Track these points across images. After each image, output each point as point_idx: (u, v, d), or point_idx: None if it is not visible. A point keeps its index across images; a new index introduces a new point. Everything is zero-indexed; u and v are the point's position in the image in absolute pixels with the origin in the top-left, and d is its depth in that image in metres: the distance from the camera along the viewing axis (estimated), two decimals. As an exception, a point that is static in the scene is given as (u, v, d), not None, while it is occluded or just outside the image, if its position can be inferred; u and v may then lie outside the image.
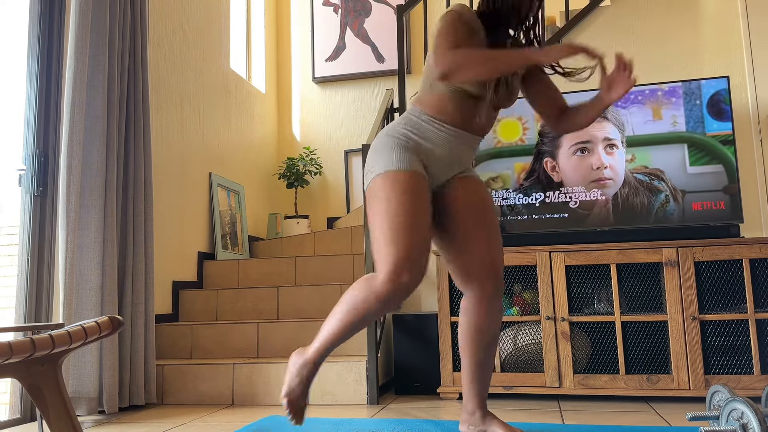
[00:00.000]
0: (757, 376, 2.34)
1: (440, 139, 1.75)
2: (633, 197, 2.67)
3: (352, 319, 1.65)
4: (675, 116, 2.68)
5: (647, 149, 2.69)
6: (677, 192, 2.64)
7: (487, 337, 1.82)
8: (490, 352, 1.84)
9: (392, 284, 1.59)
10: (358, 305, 1.63)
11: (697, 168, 2.63)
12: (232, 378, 2.66)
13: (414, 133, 1.75)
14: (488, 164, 2.86)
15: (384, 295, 1.59)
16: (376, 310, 1.62)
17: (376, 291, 1.60)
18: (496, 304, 1.81)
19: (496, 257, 1.80)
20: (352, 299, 1.65)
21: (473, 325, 1.81)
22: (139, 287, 2.64)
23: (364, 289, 1.63)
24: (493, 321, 1.81)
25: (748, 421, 1.52)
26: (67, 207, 2.40)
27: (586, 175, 2.73)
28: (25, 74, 2.58)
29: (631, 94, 2.73)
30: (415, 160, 1.72)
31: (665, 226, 2.64)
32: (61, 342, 1.31)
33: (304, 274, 3.47)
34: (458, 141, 1.77)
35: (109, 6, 2.62)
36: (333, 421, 2.19)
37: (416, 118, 1.77)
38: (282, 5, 4.93)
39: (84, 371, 2.40)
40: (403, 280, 1.59)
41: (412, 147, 1.74)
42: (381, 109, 3.09)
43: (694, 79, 2.68)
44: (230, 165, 4.04)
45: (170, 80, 3.41)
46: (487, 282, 1.79)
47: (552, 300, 2.55)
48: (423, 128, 1.76)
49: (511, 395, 2.68)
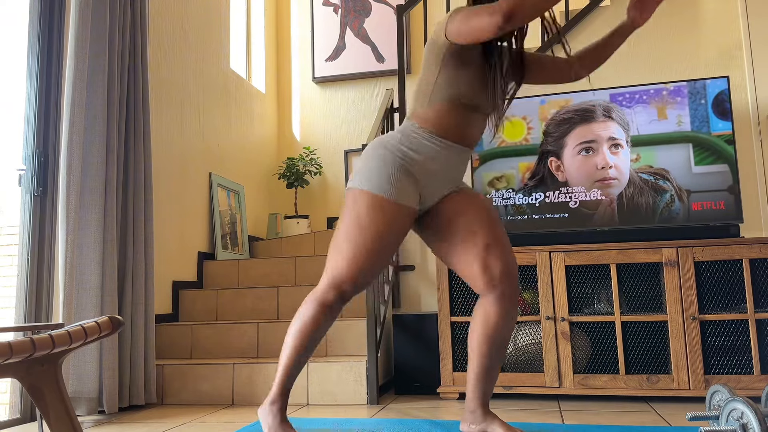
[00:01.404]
0: (757, 376, 2.34)
1: (435, 154, 1.77)
2: (638, 197, 2.67)
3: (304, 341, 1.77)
4: (680, 116, 2.67)
5: (652, 149, 2.69)
6: (682, 192, 2.63)
7: (500, 340, 1.81)
8: (501, 355, 1.83)
9: (334, 291, 1.75)
10: (307, 322, 1.77)
11: (702, 168, 2.63)
12: (232, 378, 2.67)
13: (411, 149, 1.76)
14: (492, 164, 2.85)
15: (328, 300, 1.76)
16: (322, 321, 1.76)
17: (320, 299, 1.76)
18: (512, 308, 1.80)
19: (510, 261, 1.80)
20: (301, 319, 1.79)
21: (487, 328, 1.80)
22: (139, 287, 2.64)
23: (309, 303, 1.77)
24: (508, 324, 1.80)
25: (748, 421, 1.52)
26: (67, 207, 2.40)
27: (590, 174, 2.73)
28: (25, 74, 2.58)
29: (635, 94, 2.73)
30: (407, 185, 1.74)
31: (665, 226, 2.64)
32: (61, 342, 1.31)
33: (304, 274, 3.47)
34: (452, 154, 1.79)
35: (109, 6, 2.62)
36: (333, 421, 2.20)
37: (413, 133, 1.78)
38: (282, 5, 4.93)
39: (84, 371, 2.40)
40: (344, 290, 1.76)
41: (406, 165, 1.75)
42: (381, 109, 3.09)
43: (699, 79, 2.67)
44: (230, 165, 4.04)
45: (170, 80, 3.41)
46: (503, 285, 1.78)
47: (552, 300, 2.55)
48: (420, 144, 1.77)
49: (511, 395, 2.68)
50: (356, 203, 1.74)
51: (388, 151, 1.76)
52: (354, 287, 1.76)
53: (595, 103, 2.76)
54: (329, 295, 1.76)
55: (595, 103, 2.76)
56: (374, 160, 1.76)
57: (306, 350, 1.79)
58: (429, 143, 1.76)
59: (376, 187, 1.72)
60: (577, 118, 2.76)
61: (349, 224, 1.74)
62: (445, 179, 1.82)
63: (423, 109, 1.79)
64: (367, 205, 1.72)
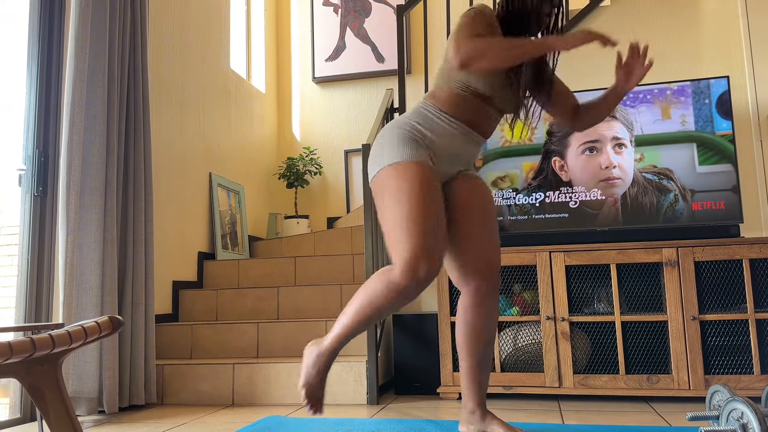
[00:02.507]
0: (757, 376, 2.34)
1: (448, 133, 1.76)
2: (642, 197, 2.67)
3: (369, 312, 1.64)
4: (684, 115, 2.67)
5: (656, 148, 2.69)
6: (686, 191, 2.63)
7: (485, 337, 1.82)
8: (488, 352, 1.84)
9: (409, 275, 1.57)
10: (376, 298, 1.62)
11: (706, 167, 2.63)
12: (232, 378, 2.67)
13: (423, 126, 1.76)
14: (496, 163, 2.85)
15: (402, 286, 1.57)
16: (393, 302, 1.60)
17: (394, 283, 1.58)
18: (492, 303, 1.81)
19: (492, 256, 1.80)
20: (370, 291, 1.63)
21: (470, 325, 1.81)
22: (139, 287, 2.64)
23: (382, 281, 1.61)
24: (490, 320, 1.82)
25: (748, 421, 1.52)
26: (67, 207, 2.40)
27: (594, 174, 2.72)
28: (25, 74, 2.58)
29: (639, 93, 2.73)
30: (423, 153, 1.72)
31: (665, 226, 2.64)
32: (61, 342, 1.31)
33: (304, 274, 3.47)
34: (465, 137, 1.79)
35: (109, 6, 2.62)
36: (333, 421, 2.19)
37: (427, 111, 1.79)
38: (282, 5, 4.93)
39: (84, 371, 2.40)
40: (421, 271, 1.56)
41: (420, 139, 1.74)
42: (381, 109, 3.09)
43: (703, 78, 2.67)
44: (230, 165, 4.04)
45: (170, 80, 3.41)
46: (483, 281, 1.80)
47: (552, 300, 2.55)
48: (433, 121, 1.77)
49: (511, 395, 2.68)
50: (382, 184, 1.70)
51: (400, 129, 1.76)
52: (429, 259, 1.58)
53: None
54: (405, 280, 1.57)
55: None
56: (388, 140, 1.75)
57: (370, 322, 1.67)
58: (441, 122, 1.76)
59: (390, 158, 1.71)
60: (580, 118, 2.76)
61: (387, 203, 1.67)
62: (456, 156, 1.81)
63: (439, 89, 1.80)
64: (391, 177, 1.68)
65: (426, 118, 1.77)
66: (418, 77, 4.49)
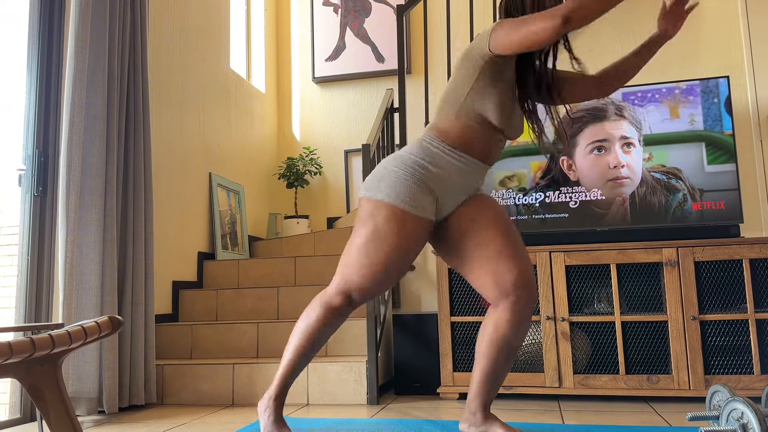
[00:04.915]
0: (757, 376, 2.34)
1: (456, 168, 1.75)
2: (650, 196, 2.66)
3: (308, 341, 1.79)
4: (693, 115, 2.67)
5: (665, 148, 2.68)
6: (695, 191, 2.62)
7: (508, 348, 1.78)
8: (508, 362, 1.80)
9: (342, 298, 1.76)
10: (314, 321, 1.78)
11: (715, 167, 2.62)
12: (232, 378, 2.67)
13: (429, 162, 1.74)
14: (504, 163, 2.85)
15: (335, 305, 1.77)
16: (329, 320, 1.78)
17: (328, 303, 1.77)
18: (524, 317, 1.76)
19: (526, 266, 1.77)
20: (306, 320, 1.79)
21: (496, 334, 1.76)
22: (139, 287, 2.64)
23: (316, 306, 1.78)
24: (518, 333, 1.77)
25: (748, 421, 1.52)
26: (66, 207, 2.40)
27: (603, 173, 2.72)
28: (25, 74, 2.58)
29: (648, 93, 2.73)
30: (425, 197, 1.72)
31: (665, 226, 2.64)
32: (61, 342, 1.31)
33: (304, 274, 3.47)
34: (473, 170, 1.78)
35: (109, 6, 2.62)
36: (333, 421, 2.20)
37: (434, 148, 1.75)
38: (282, 5, 4.93)
39: (84, 371, 2.40)
40: (354, 298, 1.76)
41: (424, 178, 1.72)
42: (381, 109, 3.09)
43: (711, 77, 2.67)
44: (230, 165, 4.04)
45: (170, 80, 3.41)
46: (520, 291, 1.74)
47: (552, 300, 2.55)
48: (440, 158, 1.74)
49: (511, 395, 2.68)
50: (374, 214, 1.71)
51: (405, 164, 1.73)
52: (363, 297, 1.76)
53: (607, 101, 2.75)
54: (337, 300, 1.76)
55: (607, 102, 2.75)
56: (392, 172, 1.73)
57: (310, 350, 1.80)
58: (448, 157, 1.74)
59: (395, 198, 1.70)
60: (588, 117, 2.76)
61: (367, 235, 1.71)
62: (463, 189, 1.80)
63: (447, 121, 1.76)
64: (385, 217, 1.70)
65: (432, 154, 1.74)
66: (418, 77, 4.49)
